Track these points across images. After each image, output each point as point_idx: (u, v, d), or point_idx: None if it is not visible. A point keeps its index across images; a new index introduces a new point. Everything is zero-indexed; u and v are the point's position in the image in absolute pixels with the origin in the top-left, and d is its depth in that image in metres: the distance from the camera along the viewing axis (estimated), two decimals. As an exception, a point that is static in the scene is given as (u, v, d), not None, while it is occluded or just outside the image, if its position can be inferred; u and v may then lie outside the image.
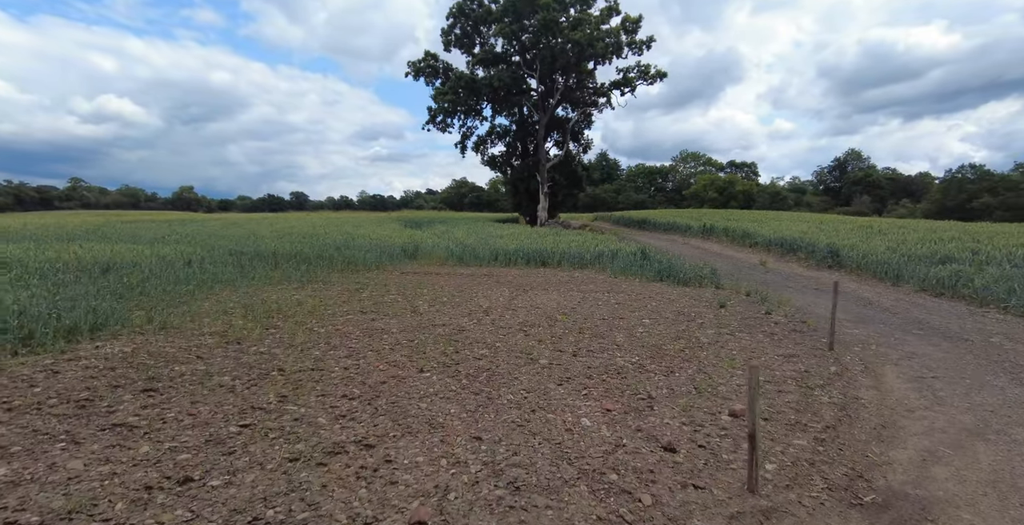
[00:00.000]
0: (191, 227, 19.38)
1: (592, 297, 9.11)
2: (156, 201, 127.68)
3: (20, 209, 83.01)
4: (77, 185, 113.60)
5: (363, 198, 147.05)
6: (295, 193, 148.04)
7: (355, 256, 11.60)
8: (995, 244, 12.11)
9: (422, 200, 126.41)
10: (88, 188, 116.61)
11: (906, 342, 6.79)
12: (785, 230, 16.53)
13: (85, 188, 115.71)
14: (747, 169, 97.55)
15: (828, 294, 10.33)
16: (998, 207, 56.04)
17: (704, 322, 7.39)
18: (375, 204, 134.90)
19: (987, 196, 59.02)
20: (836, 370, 5.45)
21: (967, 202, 60.73)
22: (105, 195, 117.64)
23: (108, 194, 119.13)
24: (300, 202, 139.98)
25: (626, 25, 25.25)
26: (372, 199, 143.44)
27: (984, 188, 61.24)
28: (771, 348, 6.15)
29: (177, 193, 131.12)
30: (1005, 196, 56.17)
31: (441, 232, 18.03)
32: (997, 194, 58.04)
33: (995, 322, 7.98)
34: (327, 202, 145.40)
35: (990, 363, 5.88)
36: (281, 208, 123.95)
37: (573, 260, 13.32)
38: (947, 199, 64.61)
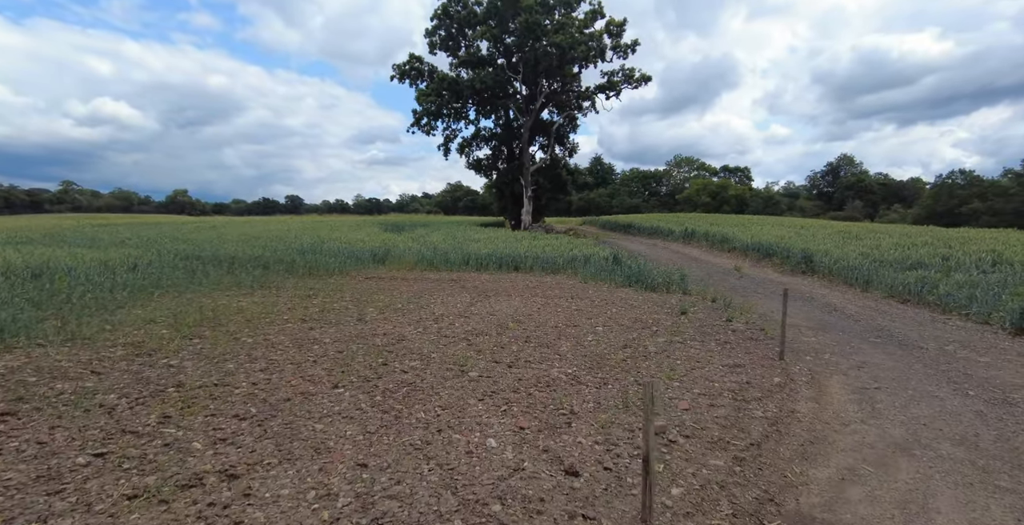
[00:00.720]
0: (161, 230, 19.10)
1: (554, 303, 8.90)
2: (149, 204, 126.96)
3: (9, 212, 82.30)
4: (69, 188, 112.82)
5: (358, 202, 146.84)
6: (290, 196, 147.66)
7: (319, 261, 11.35)
8: (966, 250, 11.98)
9: (417, 204, 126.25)
10: (80, 191, 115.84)
11: (861, 351, 6.61)
12: (764, 235, 16.40)
13: (77, 191, 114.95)
14: (740, 174, 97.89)
15: (797, 301, 10.19)
16: (986, 212, 56.37)
17: (659, 330, 7.19)
18: (370, 208, 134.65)
19: (976, 201, 59.39)
20: (780, 381, 5.25)
21: (957, 207, 61.06)
22: (97, 198, 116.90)
23: (100, 197, 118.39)
24: (295, 205, 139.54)
25: (610, 29, 25.20)
26: (367, 203, 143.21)
27: (973, 193, 61.65)
28: (719, 357, 5.95)
29: (171, 197, 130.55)
30: (993, 201, 56.48)
31: (419, 236, 17.81)
32: (986, 199, 58.39)
33: (954, 329, 7.82)
34: (322, 205, 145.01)
35: (937, 372, 5.70)
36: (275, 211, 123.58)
37: (545, 265, 13.13)
38: (938, 204, 64.95)
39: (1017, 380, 5.53)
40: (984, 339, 7.28)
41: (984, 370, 5.88)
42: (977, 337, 7.39)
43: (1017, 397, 5.02)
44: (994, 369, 5.93)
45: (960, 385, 5.33)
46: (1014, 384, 5.38)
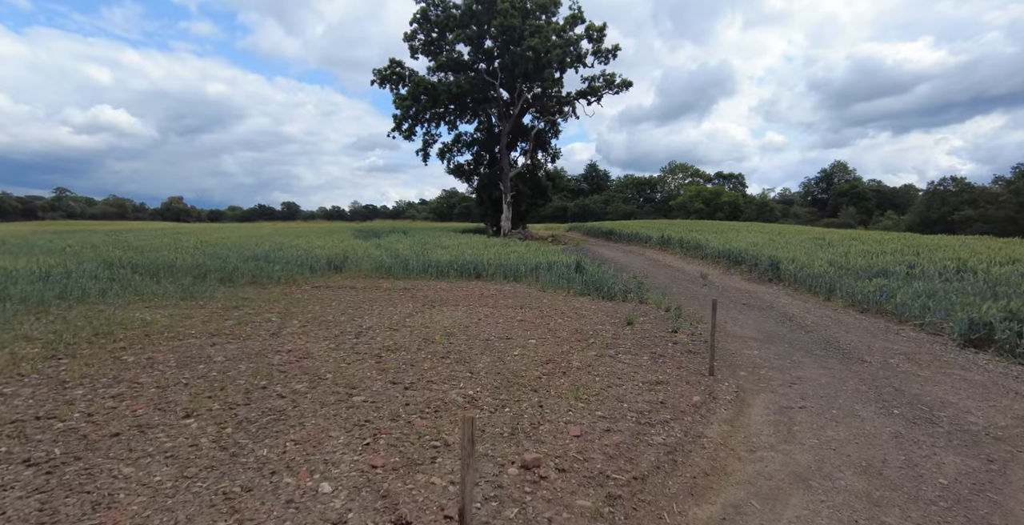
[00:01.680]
0: (120, 237, 18.73)
1: (500, 313, 8.58)
2: (144, 212, 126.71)
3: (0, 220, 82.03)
4: (62, 195, 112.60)
5: (355, 208, 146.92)
6: (286, 203, 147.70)
7: (267, 269, 11.01)
8: (932, 258, 11.71)
9: (414, 210, 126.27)
10: (73, 198, 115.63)
11: (800, 365, 6.29)
12: (737, 242, 16.11)
13: (71, 198, 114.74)
14: (735, 180, 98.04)
15: (755, 310, 9.90)
16: (978, 219, 56.28)
17: (596, 342, 6.86)
18: (366, 214, 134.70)
19: (968, 208, 59.36)
20: (699, 400, 4.92)
21: (949, 214, 61.02)
22: (91, 206, 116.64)
23: (94, 205, 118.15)
24: (291, 212, 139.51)
25: (590, 33, 25.10)
26: (364, 209, 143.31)
27: (965, 200, 61.67)
28: (644, 373, 5.61)
29: (166, 204, 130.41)
30: (985, 208, 56.45)
31: (388, 243, 17.48)
32: (978, 206, 58.36)
33: (905, 341, 7.51)
34: (319, 212, 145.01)
35: (870, 389, 5.38)
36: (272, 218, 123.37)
37: (508, 272, 12.83)
38: (930, 211, 64.93)
39: (949, 396, 5.22)
40: (931, 351, 6.97)
41: (920, 385, 5.57)
42: (925, 349, 7.08)
43: (942, 415, 4.71)
44: (931, 384, 5.62)
45: (888, 402, 5.02)
46: (944, 401, 5.07)
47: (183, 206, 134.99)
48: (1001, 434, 4.35)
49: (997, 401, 5.12)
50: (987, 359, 6.56)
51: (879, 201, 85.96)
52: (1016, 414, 4.77)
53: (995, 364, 6.36)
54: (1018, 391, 5.39)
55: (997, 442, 4.20)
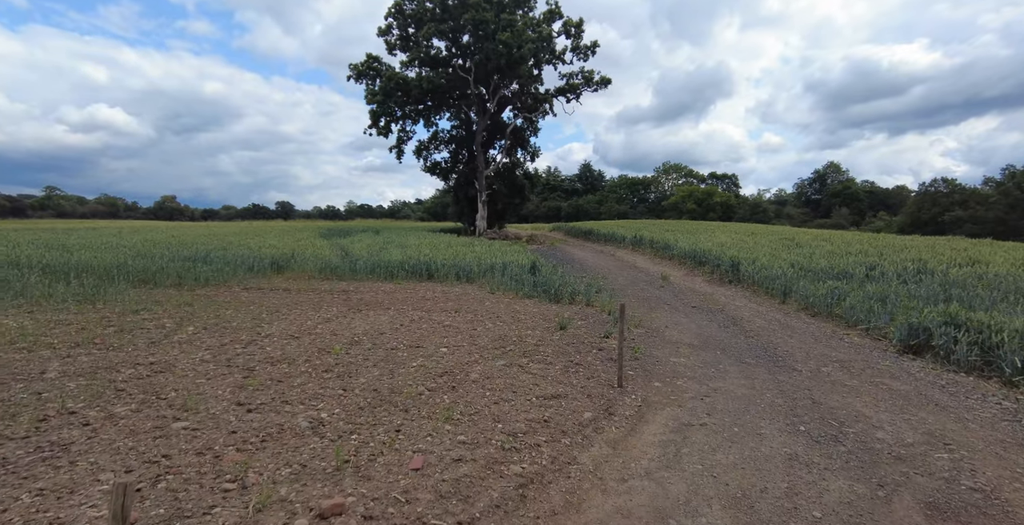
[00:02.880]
0: (59, 237, 18.17)
1: (428, 318, 8.17)
2: (137, 211, 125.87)
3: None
4: (52, 194, 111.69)
5: (350, 208, 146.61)
6: (280, 203, 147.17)
7: (198, 270, 10.52)
8: (895, 259, 11.33)
9: (409, 209, 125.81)
10: (64, 197, 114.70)
11: (724, 374, 5.90)
12: (704, 243, 15.72)
13: (61, 197, 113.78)
14: (728, 181, 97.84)
15: (704, 313, 9.51)
16: (968, 220, 56.20)
17: (514, 350, 6.45)
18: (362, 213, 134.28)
19: (958, 209, 59.21)
20: (590, 417, 4.50)
21: (939, 215, 60.90)
22: (82, 204, 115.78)
23: (85, 203, 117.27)
24: (286, 211, 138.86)
25: (568, 29, 24.66)
26: (359, 209, 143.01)
27: (956, 201, 61.51)
28: (546, 386, 5.19)
29: (159, 203, 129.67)
30: (975, 210, 56.29)
31: (348, 242, 16.99)
32: (968, 208, 58.22)
33: (846, 347, 7.13)
34: (314, 211, 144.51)
35: (787, 402, 5.00)
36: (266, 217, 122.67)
37: (461, 273, 12.42)
38: (921, 212, 64.78)
39: (867, 409, 4.83)
40: (868, 358, 6.59)
41: (841, 397, 5.18)
42: (863, 356, 6.70)
43: (850, 432, 4.32)
44: (853, 395, 5.23)
45: (799, 418, 4.63)
46: (858, 414, 4.68)
47: (176, 205, 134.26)
48: (903, 453, 3.97)
49: (914, 414, 4.74)
50: (921, 366, 6.19)
51: (872, 202, 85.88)
52: (927, 429, 4.39)
53: (927, 372, 5.99)
54: (939, 402, 5.01)
55: (896, 463, 3.81)
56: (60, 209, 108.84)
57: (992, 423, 4.52)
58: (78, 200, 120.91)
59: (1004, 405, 4.92)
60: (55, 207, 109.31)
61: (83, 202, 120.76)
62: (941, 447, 4.08)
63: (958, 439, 4.21)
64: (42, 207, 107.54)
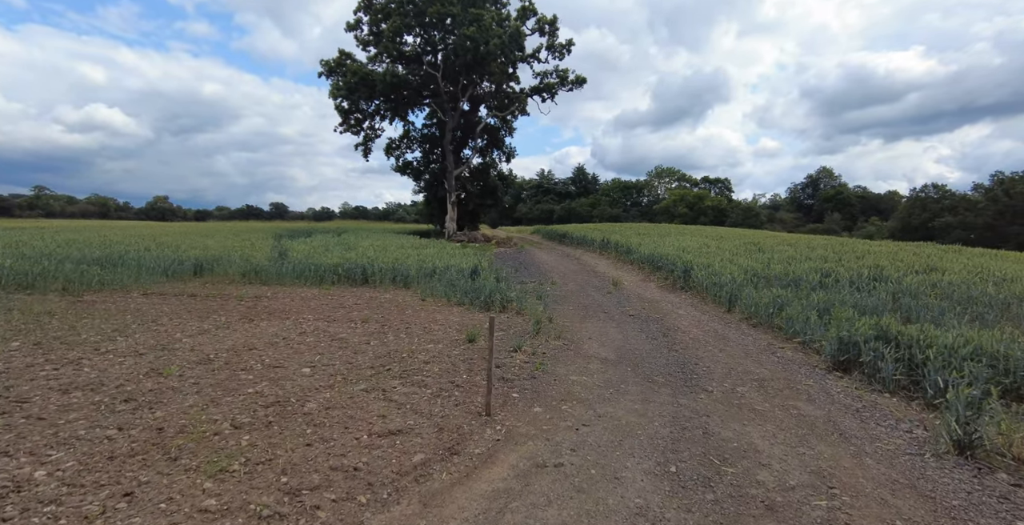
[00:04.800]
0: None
1: (326, 330, 7.48)
2: (128, 211, 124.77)
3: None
4: (41, 193, 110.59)
5: (345, 209, 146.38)
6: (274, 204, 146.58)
7: (90, 274, 9.70)
8: (854, 265, 10.70)
9: (404, 211, 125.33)
10: (53, 196, 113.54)
11: (622, 396, 5.23)
12: (664, 247, 15.06)
13: (50, 196, 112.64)
14: (721, 185, 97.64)
15: (639, 322, 8.86)
16: (958, 226, 55.95)
17: (391, 369, 5.77)
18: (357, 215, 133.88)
19: (948, 215, 58.93)
20: (421, 460, 3.76)
21: (930, 221, 60.66)
22: (72, 204, 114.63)
23: (75, 203, 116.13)
24: (279, 212, 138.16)
25: (542, 26, 24.05)
26: (355, 210, 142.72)
27: (946, 207, 61.20)
28: (395, 417, 4.45)
29: (151, 203, 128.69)
30: (964, 216, 55.98)
31: (294, 244, 16.15)
32: (957, 214, 57.92)
33: (775, 362, 6.47)
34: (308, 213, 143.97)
35: (674, 432, 4.35)
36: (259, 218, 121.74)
37: (399, 278, 11.74)
38: (912, 218, 64.52)
39: (763, 441, 4.16)
40: (792, 376, 5.93)
41: (741, 425, 4.52)
42: (788, 373, 6.04)
43: (730, 472, 3.66)
44: (756, 423, 4.57)
45: (678, 454, 3.96)
46: (750, 448, 4.02)
47: (168, 205, 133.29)
48: (778, 502, 3.30)
49: (812, 446, 4.08)
50: (844, 386, 5.53)
51: (864, 207, 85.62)
52: (818, 467, 3.73)
53: (849, 393, 5.33)
54: (845, 431, 4.35)
55: (763, 516, 3.15)
56: (49, 209, 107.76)
57: (892, 458, 3.86)
58: (67, 200, 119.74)
59: (914, 434, 4.26)
60: (44, 207, 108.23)
61: (72, 202, 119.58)
62: (824, 492, 3.42)
63: (847, 480, 3.55)
64: (31, 207, 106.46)
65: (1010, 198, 51.38)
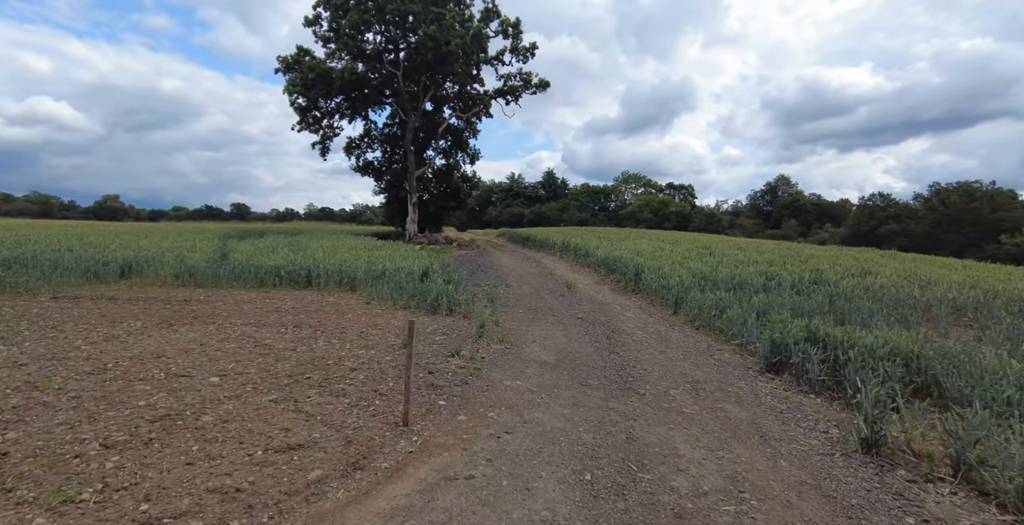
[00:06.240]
0: None
1: (252, 335, 7.06)
2: (74, 210, 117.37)
3: None
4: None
5: (311, 211, 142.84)
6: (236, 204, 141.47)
7: (6, 276, 8.91)
8: (796, 269, 11.01)
9: (372, 213, 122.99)
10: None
11: (553, 401, 5.09)
12: (620, 250, 15.19)
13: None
14: (685, 191, 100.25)
15: (586, 325, 8.78)
16: (901, 233, 59.19)
17: (311, 378, 5.45)
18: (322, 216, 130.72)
19: (892, 223, 62.32)
20: (318, 477, 3.47)
21: (876, 228, 63.90)
22: (8, 202, 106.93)
23: (12, 201, 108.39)
24: (240, 213, 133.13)
25: (506, 29, 24.01)
26: (320, 212, 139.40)
27: (890, 215, 64.72)
28: (300, 430, 4.13)
29: (99, 202, 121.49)
30: (906, 223, 59.33)
31: (239, 245, 15.44)
32: (901, 221, 61.35)
33: (712, 364, 6.48)
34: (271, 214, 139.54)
35: (596, 438, 4.23)
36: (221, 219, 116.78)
37: (345, 280, 11.32)
38: (860, 225, 67.79)
39: (683, 447, 4.09)
40: (727, 377, 5.94)
41: (666, 429, 4.45)
42: (723, 375, 6.05)
43: (645, 478, 3.55)
44: (681, 427, 4.50)
45: (596, 461, 3.83)
46: (670, 453, 3.94)
47: (119, 205, 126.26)
48: (688, 509, 3.20)
49: (731, 449, 4.03)
50: (773, 388, 5.57)
51: (818, 214, 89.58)
52: (733, 471, 3.67)
53: (776, 394, 5.36)
54: (765, 433, 4.34)
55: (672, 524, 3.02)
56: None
57: (804, 459, 3.86)
58: (4, 197, 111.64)
59: (829, 434, 4.29)
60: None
61: (9, 199, 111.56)
62: (735, 496, 3.35)
63: (758, 484, 3.50)
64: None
65: (946, 208, 54.83)
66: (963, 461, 3.33)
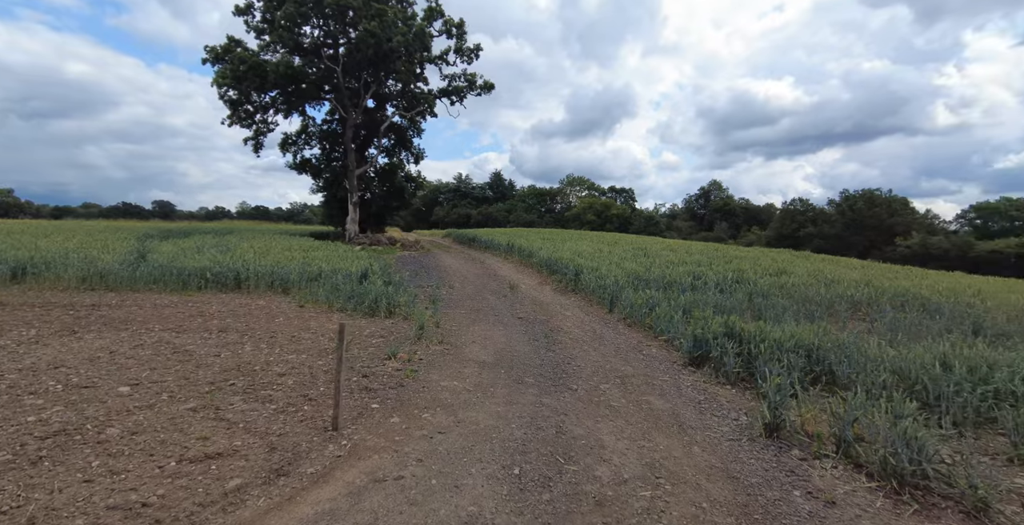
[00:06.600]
0: None
1: (171, 341, 6.60)
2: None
3: None
4: None
5: (244, 209, 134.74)
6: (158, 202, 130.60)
7: None
8: (721, 269, 11.83)
9: (311, 212, 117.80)
10: None
11: (487, 400, 5.15)
12: (562, 251, 15.62)
13: None
14: (626, 195, 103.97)
15: (526, 324, 8.92)
16: (817, 236, 64.74)
17: (235, 384, 5.20)
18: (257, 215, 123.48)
19: (810, 226, 68.07)
20: (236, 485, 3.35)
21: (796, 230, 69.43)
22: None
23: None
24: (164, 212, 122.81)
25: (450, 29, 23.90)
26: (254, 210, 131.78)
27: (809, 219, 70.61)
28: (220, 439, 3.95)
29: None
30: (822, 226, 65.05)
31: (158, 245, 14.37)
32: (817, 225, 67.18)
33: (641, 360, 6.83)
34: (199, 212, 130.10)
35: (528, 433, 4.35)
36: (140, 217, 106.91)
37: (277, 282, 10.80)
38: (783, 227, 73.38)
39: (608, 438, 4.29)
40: (654, 372, 6.29)
41: (594, 422, 4.65)
42: (650, 369, 6.40)
43: (570, 470, 3.68)
44: (608, 420, 4.72)
45: (525, 456, 3.94)
46: (595, 445, 4.11)
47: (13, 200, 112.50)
48: (609, 496, 3.39)
49: (652, 439, 4.29)
50: (695, 380, 5.97)
51: (747, 218, 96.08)
52: (652, 459, 3.92)
53: (696, 386, 5.76)
54: (684, 423, 4.66)
55: (593, 511, 3.22)
56: None
57: (715, 445, 4.19)
58: None
59: (740, 421, 4.68)
60: None
61: None
62: (651, 482, 3.58)
63: (674, 469, 3.76)
64: None
65: (853, 213, 60.72)
66: (843, 438, 3.77)
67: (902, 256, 46.67)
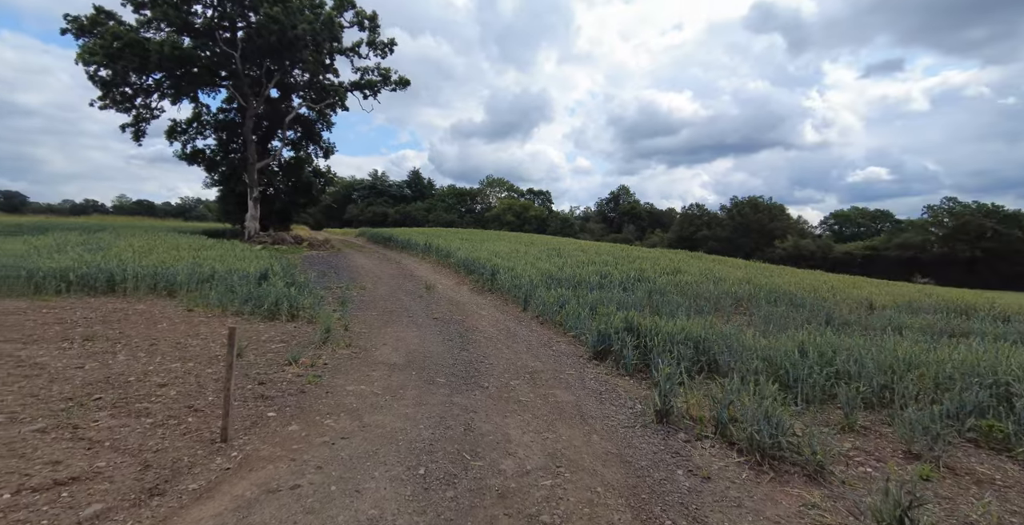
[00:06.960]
0: None
1: (20, 353, 5.70)
2: None
3: None
4: None
5: (123, 203, 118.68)
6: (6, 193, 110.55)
7: None
8: (625, 268, 12.67)
9: (206, 208, 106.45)
10: None
11: (395, 403, 5.04)
12: (480, 251, 15.77)
13: None
14: (543, 197, 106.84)
15: (441, 324, 8.85)
16: (711, 238, 71.43)
17: (102, 398, 4.63)
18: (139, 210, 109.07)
19: (705, 229, 75.00)
20: (96, 511, 3.00)
21: (694, 233, 76.04)
22: None
23: None
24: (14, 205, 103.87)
25: (361, 21, 22.97)
26: (136, 205, 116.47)
27: (704, 223, 77.72)
28: (77, 461, 3.51)
29: None
30: (715, 230, 71.99)
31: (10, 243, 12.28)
32: (711, 228, 74.22)
33: (551, 355, 7.11)
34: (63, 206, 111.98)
35: (436, 433, 4.33)
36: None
37: (161, 284, 9.66)
38: (683, 230, 79.96)
39: (514, 432, 4.42)
40: (561, 366, 6.57)
41: (502, 418, 4.75)
42: (558, 364, 6.68)
43: (476, 466, 3.72)
44: (515, 414, 4.86)
45: (432, 455, 3.93)
46: (502, 439, 4.22)
47: None
48: (511, 488, 3.49)
49: (555, 430, 4.50)
50: (597, 373, 6.34)
51: (652, 221, 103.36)
52: (555, 449, 4.10)
53: (599, 379, 6.12)
54: (586, 413, 4.94)
55: (496, 503, 3.29)
56: None
57: (612, 433, 4.50)
58: None
59: (636, 409, 5.07)
60: None
61: None
62: (552, 471, 3.75)
63: (574, 458, 3.98)
64: None
65: (741, 217, 67.94)
66: (720, 420, 4.24)
67: (780, 257, 53.35)
